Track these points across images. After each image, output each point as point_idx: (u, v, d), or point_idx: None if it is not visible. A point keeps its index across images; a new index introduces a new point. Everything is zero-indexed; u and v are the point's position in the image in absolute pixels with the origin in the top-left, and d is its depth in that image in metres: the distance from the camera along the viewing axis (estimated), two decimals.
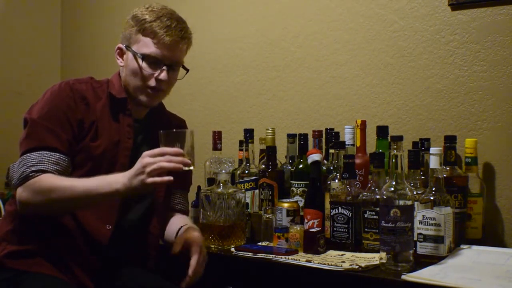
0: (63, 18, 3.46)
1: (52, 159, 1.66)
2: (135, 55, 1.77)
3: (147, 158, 1.56)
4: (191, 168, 1.60)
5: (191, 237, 1.72)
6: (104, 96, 1.80)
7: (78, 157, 1.72)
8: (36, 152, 1.66)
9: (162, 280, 1.77)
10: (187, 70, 1.87)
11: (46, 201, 1.63)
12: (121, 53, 1.84)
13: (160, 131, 1.64)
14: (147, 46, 1.76)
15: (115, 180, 1.60)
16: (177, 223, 1.86)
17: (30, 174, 1.64)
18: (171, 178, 1.56)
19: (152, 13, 1.77)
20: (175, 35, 1.76)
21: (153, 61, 1.76)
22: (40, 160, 1.65)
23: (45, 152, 1.66)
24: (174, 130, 1.67)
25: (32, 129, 1.70)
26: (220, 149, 2.19)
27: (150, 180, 1.54)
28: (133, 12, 1.81)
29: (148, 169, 1.54)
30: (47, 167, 1.65)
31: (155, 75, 1.77)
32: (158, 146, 1.91)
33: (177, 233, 1.81)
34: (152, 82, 1.77)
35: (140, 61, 1.76)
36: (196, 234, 1.73)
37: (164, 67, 1.77)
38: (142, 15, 1.77)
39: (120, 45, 1.83)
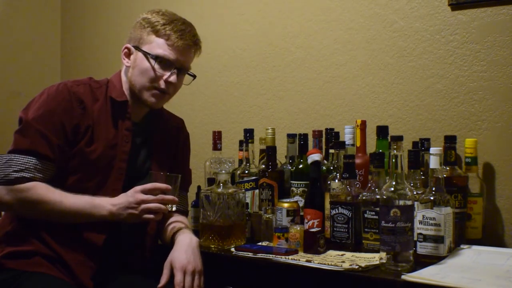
0: (63, 18, 3.46)
1: (38, 167, 1.68)
2: (146, 55, 1.77)
3: (140, 195, 1.66)
4: (174, 208, 1.76)
5: (173, 260, 1.68)
6: (102, 97, 1.79)
7: (73, 162, 1.72)
8: (25, 156, 1.67)
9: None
10: (194, 77, 1.88)
11: (32, 211, 1.68)
12: (128, 53, 1.83)
13: (150, 171, 1.78)
14: (160, 47, 1.77)
15: (103, 206, 1.67)
16: (172, 225, 1.85)
17: (16, 180, 1.65)
18: (160, 217, 1.74)
19: (165, 17, 1.80)
20: (189, 39, 1.79)
21: (165, 63, 1.77)
22: (27, 167, 1.67)
23: (33, 158, 1.67)
24: (162, 173, 1.75)
25: (25, 130, 1.70)
26: (220, 149, 2.19)
27: (145, 217, 1.67)
28: (143, 15, 1.82)
29: (143, 207, 1.65)
30: (33, 174, 1.67)
31: (165, 77, 1.78)
32: (156, 149, 1.91)
33: (169, 237, 1.80)
34: (161, 84, 1.78)
35: (152, 61, 1.76)
36: (177, 254, 1.68)
37: (175, 70, 1.78)
38: (155, 17, 1.79)
39: (128, 45, 1.83)
